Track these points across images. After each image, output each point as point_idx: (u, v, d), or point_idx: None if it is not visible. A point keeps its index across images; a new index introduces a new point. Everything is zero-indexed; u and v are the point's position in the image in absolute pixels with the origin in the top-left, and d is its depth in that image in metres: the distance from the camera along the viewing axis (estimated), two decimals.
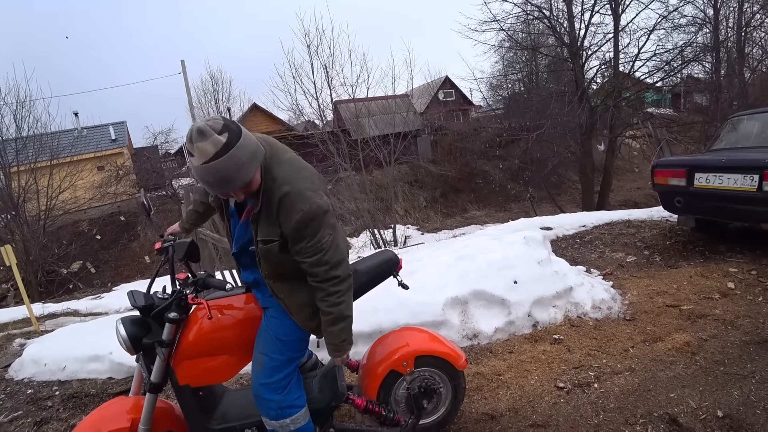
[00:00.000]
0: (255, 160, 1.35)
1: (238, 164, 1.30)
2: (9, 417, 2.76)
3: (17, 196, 13.55)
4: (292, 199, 1.40)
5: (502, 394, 2.36)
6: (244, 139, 1.32)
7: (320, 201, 1.43)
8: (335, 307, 1.52)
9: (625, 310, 3.18)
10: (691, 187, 3.91)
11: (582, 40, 12.68)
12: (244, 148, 1.31)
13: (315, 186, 1.48)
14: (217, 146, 1.26)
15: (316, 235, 1.43)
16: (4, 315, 5.78)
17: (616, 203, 15.65)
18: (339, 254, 1.50)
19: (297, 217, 1.40)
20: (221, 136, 1.28)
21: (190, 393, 1.73)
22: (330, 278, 1.49)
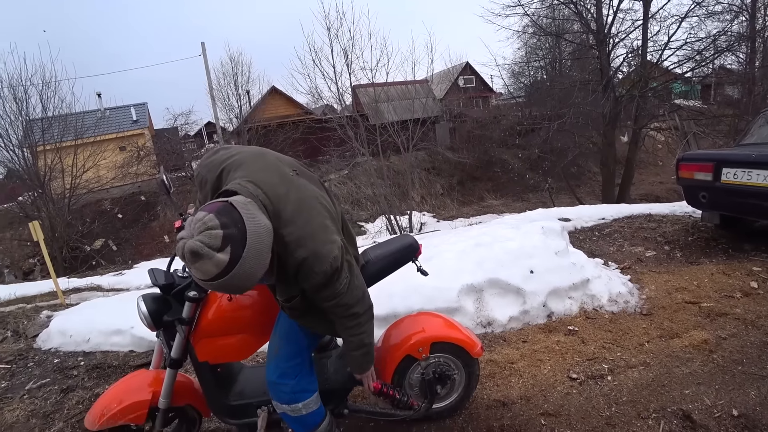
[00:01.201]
0: (266, 258, 1.18)
1: (249, 273, 1.13)
2: (38, 384, 2.89)
3: (43, 174, 13.94)
4: (310, 264, 1.29)
5: (514, 382, 2.38)
6: (252, 241, 1.12)
7: (336, 251, 1.33)
8: (355, 336, 1.55)
9: (642, 305, 3.14)
10: (717, 183, 3.79)
11: (609, 27, 12.23)
12: (253, 255, 1.12)
13: (327, 228, 1.36)
14: (221, 266, 1.08)
15: (334, 284, 1.37)
16: (32, 288, 6.02)
17: (637, 197, 15.32)
18: (357, 293, 1.46)
19: (318, 279, 1.32)
20: (222, 253, 1.08)
21: (209, 369, 1.78)
22: (349, 315, 1.49)
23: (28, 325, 3.93)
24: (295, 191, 1.37)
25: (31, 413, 2.57)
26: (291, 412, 1.67)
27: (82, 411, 2.52)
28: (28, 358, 3.31)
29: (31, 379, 2.97)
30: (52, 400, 2.68)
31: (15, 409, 2.62)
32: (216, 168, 1.46)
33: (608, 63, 12.46)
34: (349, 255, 1.45)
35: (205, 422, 2.17)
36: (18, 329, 3.88)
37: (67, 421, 2.44)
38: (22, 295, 5.46)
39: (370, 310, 1.55)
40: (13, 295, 5.45)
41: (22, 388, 2.86)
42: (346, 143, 11.43)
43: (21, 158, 14.08)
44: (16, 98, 13.88)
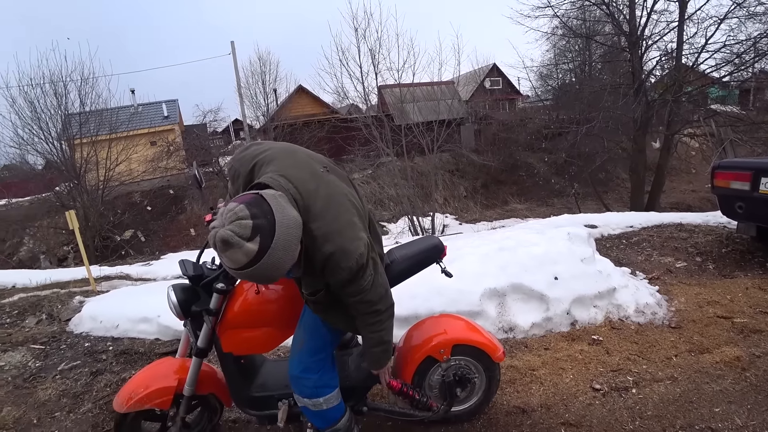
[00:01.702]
0: (295, 249, 1.20)
1: (277, 264, 1.16)
2: (69, 365, 3.02)
3: (79, 166, 14.55)
4: (337, 259, 1.32)
5: (535, 389, 2.34)
6: (280, 232, 1.14)
7: (363, 248, 1.35)
8: (375, 333, 1.56)
9: (671, 317, 3.05)
10: (755, 192, 3.63)
11: (642, 29, 11.84)
12: (282, 246, 1.15)
13: (355, 225, 1.38)
14: (250, 255, 1.12)
15: (359, 281, 1.39)
16: (66, 274, 6.28)
17: (668, 205, 14.82)
18: (380, 290, 1.48)
19: (343, 274, 1.35)
20: (252, 243, 1.11)
21: (233, 360, 1.82)
22: (371, 312, 1.50)
23: (61, 309, 4.10)
24: (324, 187, 1.40)
25: (62, 393, 2.68)
26: (312, 407, 1.69)
27: (109, 394, 2.62)
28: (61, 341, 3.45)
29: (63, 361, 3.10)
30: (82, 382, 2.79)
31: (48, 388, 2.74)
32: (249, 162, 1.51)
33: (641, 66, 12.08)
34: (374, 253, 1.46)
35: (226, 412, 2.22)
36: (52, 312, 4.05)
37: (96, 403, 2.54)
38: (56, 281, 5.70)
39: (391, 309, 1.56)
40: (49, 280, 5.69)
41: (54, 369, 2.99)
42: (371, 143, 11.48)
43: (59, 150, 14.75)
44: (56, 93, 14.56)
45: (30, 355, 3.22)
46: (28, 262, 13.80)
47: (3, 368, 3.03)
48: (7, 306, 4.39)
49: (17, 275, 6.02)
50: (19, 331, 3.71)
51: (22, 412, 2.50)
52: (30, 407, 2.55)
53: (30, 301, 4.45)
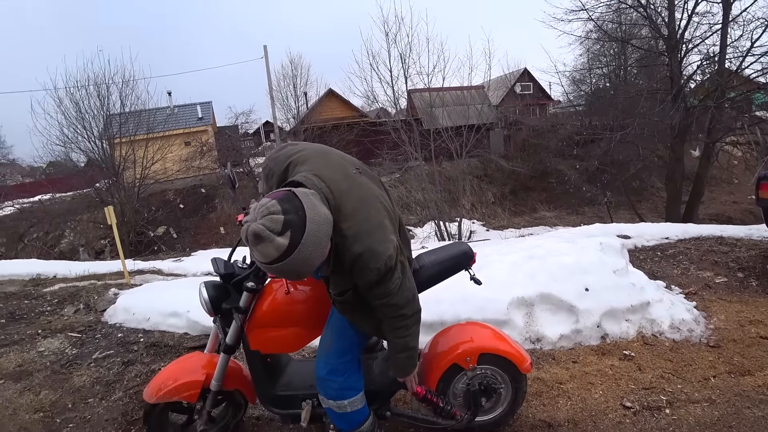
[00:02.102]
0: (324, 247, 1.23)
1: (306, 260, 1.18)
2: (103, 354, 3.14)
3: (118, 164, 15.21)
4: (366, 260, 1.33)
5: (562, 403, 2.27)
6: (311, 228, 1.16)
7: (392, 251, 1.35)
8: (401, 339, 1.56)
9: (709, 335, 2.90)
10: None
11: (682, 32, 11.36)
12: (312, 242, 1.17)
13: (385, 227, 1.39)
14: (280, 250, 1.14)
15: (386, 283, 1.39)
16: (102, 266, 6.56)
17: (707, 217, 14.18)
18: (407, 294, 1.47)
19: (371, 276, 1.35)
20: (282, 237, 1.13)
21: (260, 358, 1.85)
22: (397, 316, 1.49)
23: (98, 300, 4.27)
24: (357, 189, 1.42)
25: (96, 380, 2.79)
26: (336, 408, 1.69)
27: (139, 383, 2.71)
28: (96, 330, 3.60)
29: (97, 350, 3.23)
30: (114, 371, 2.90)
31: (82, 375, 2.86)
32: (283, 162, 1.54)
33: (680, 71, 11.60)
34: (402, 256, 1.46)
35: (250, 409, 2.25)
36: (89, 303, 4.24)
37: (126, 392, 2.63)
38: (94, 272, 5.97)
39: (417, 314, 1.55)
40: (87, 272, 5.96)
41: (89, 357, 3.12)
42: (399, 147, 11.48)
43: (100, 149, 15.49)
44: (99, 95, 15.32)
45: (67, 342, 3.38)
46: (68, 254, 14.50)
47: (43, 353, 3.19)
48: (48, 295, 4.62)
49: (58, 266, 6.33)
50: (59, 319, 3.90)
51: (58, 396, 2.62)
52: (66, 392, 2.66)
53: (69, 291, 4.67)
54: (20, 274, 5.64)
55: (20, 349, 3.28)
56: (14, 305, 4.33)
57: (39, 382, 2.80)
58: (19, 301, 4.45)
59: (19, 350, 3.25)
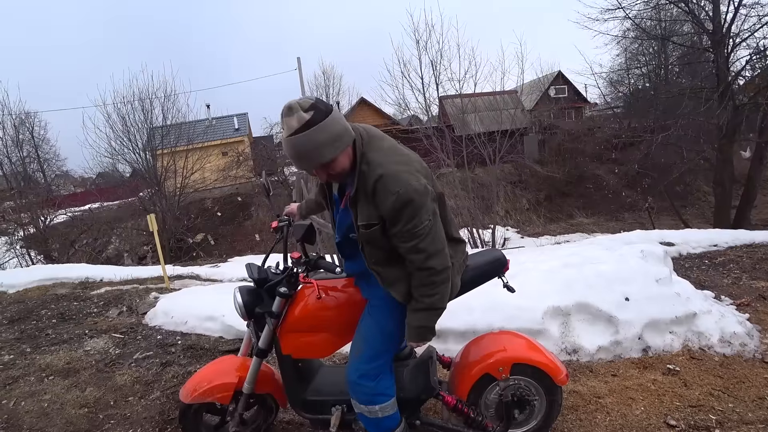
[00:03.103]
0: (336, 144, 1.36)
1: (315, 143, 1.33)
2: (143, 355, 3.28)
3: (160, 174, 15.97)
4: (387, 182, 1.38)
5: (600, 419, 2.16)
6: (329, 121, 1.34)
7: (416, 184, 1.39)
8: (428, 297, 1.51)
9: (765, 351, 2.69)
10: None
11: (729, 26, 10.74)
12: (325, 129, 1.33)
13: (412, 168, 1.44)
14: (300, 122, 1.32)
15: (413, 220, 1.39)
16: (144, 271, 6.85)
17: (760, 222, 13.26)
18: (437, 244, 1.46)
19: (392, 199, 1.37)
20: (306, 113, 1.32)
21: (291, 363, 1.87)
22: (425, 268, 1.46)
23: (139, 303, 4.47)
24: (394, 146, 1.53)
25: (136, 379, 2.91)
26: (368, 413, 1.69)
27: (176, 384, 2.80)
28: (137, 332, 3.76)
29: (138, 350, 3.37)
30: (153, 371, 3.02)
31: (124, 374, 2.99)
32: None
33: (726, 67, 10.96)
34: (434, 204, 1.46)
35: (281, 413, 2.28)
36: (132, 306, 4.44)
37: (164, 391, 2.73)
38: (136, 277, 6.25)
39: (446, 271, 1.50)
40: (130, 276, 6.25)
41: (131, 357, 3.26)
42: (432, 154, 11.44)
43: (144, 160, 16.32)
44: (143, 109, 16.19)
45: (111, 342, 3.55)
46: (114, 259, 15.31)
47: (89, 352, 3.36)
48: (95, 297, 4.88)
49: (105, 270, 6.66)
50: (104, 321, 4.10)
51: (101, 393, 2.75)
52: (108, 390, 2.79)
53: (114, 294, 4.91)
54: (71, 278, 5.99)
55: (69, 347, 3.47)
56: (65, 306, 4.60)
57: (85, 379, 2.95)
58: (69, 303, 4.72)
59: (68, 349, 3.44)
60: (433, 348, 2.10)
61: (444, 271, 1.49)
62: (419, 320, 1.56)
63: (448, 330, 2.83)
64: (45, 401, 2.68)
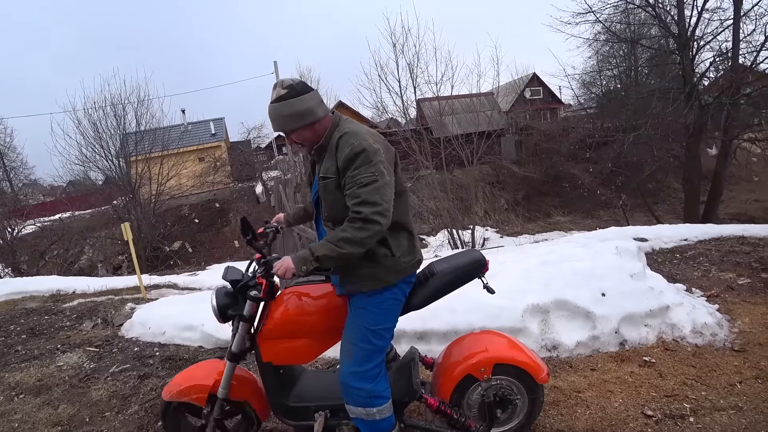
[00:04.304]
0: (297, 119, 1.61)
1: (282, 114, 1.61)
2: (120, 368, 3.18)
3: (134, 181, 15.56)
4: (348, 137, 1.58)
5: (580, 412, 2.21)
6: (297, 100, 1.60)
7: (371, 142, 1.57)
8: (343, 232, 1.51)
9: (734, 339, 2.80)
10: None
11: (693, 29, 11.21)
12: (292, 106, 1.59)
13: (375, 137, 1.63)
14: (278, 95, 1.61)
15: (359, 168, 1.52)
16: (119, 282, 6.66)
17: (727, 216, 13.81)
18: (375, 196, 1.51)
19: (347, 150, 1.54)
20: (283, 90, 1.60)
21: (272, 370, 1.85)
22: (354, 211, 1.51)
23: (115, 314, 4.34)
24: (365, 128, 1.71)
25: (113, 394, 2.83)
26: (365, 416, 1.68)
27: (154, 397, 2.73)
28: (113, 344, 3.65)
29: (114, 364, 3.27)
30: (130, 384, 2.93)
31: (100, 389, 2.89)
32: None
33: (692, 68, 11.42)
34: (384, 167, 1.57)
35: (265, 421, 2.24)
36: (107, 317, 4.30)
37: (142, 405, 2.66)
38: (111, 288, 6.06)
39: (373, 224, 1.49)
40: (105, 287, 6.06)
41: (106, 371, 3.16)
42: (410, 156, 11.50)
43: (117, 167, 15.87)
44: (116, 115, 15.75)
45: (85, 356, 3.43)
46: (87, 270, 14.79)
47: (61, 368, 3.24)
48: (68, 310, 4.71)
49: (77, 282, 6.44)
50: (77, 334, 3.96)
51: (76, 410, 2.66)
52: (83, 406, 2.70)
53: (87, 306, 4.75)
54: (41, 291, 5.77)
55: (40, 363, 3.34)
56: (35, 321, 4.42)
57: (58, 396, 2.84)
58: (40, 317, 4.55)
59: (39, 365, 3.31)
60: (415, 349, 2.11)
61: (371, 221, 1.49)
62: (321, 247, 1.54)
63: (431, 331, 2.85)
64: (15, 421, 2.58)
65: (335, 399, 1.76)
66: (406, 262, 1.70)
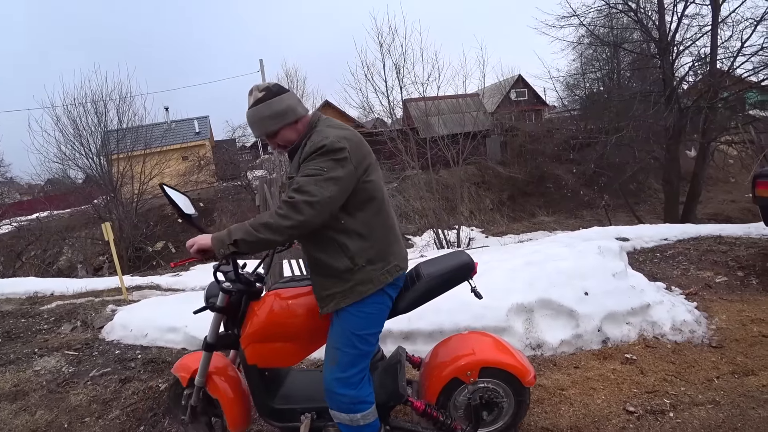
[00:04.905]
0: (277, 119, 1.60)
1: (259, 117, 1.61)
2: (100, 372, 3.11)
3: (116, 180, 15.22)
4: (315, 136, 1.56)
5: (564, 410, 2.24)
6: (276, 100, 1.60)
7: (333, 138, 1.51)
8: (269, 216, 1.45)
9: (711, 336, 2.88)
10: None
11: (673, 35, 11.50)
12: (270, 106, 1.59)
13: (343, 132, 1.59)
14: (255, 99, 1.61)
15: (311, 162, 1.49)
16: (100, 283, 6.52)
17: (705, 216, 14.17)
18: (313, 187, 1.43)
19: (309, 147, 1.53)
20: (260, 93, 1.61)
21: (257, 373, 1.82)
22: (288, 195, 1.45)
23: (95, 317, 4.24)
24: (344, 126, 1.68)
25: (93, 399, 2.76)
26: (349, 422, 1.66)
27: (137, 401, 2.67)
28: (93, 348, 3.57)
29: (94, 367, 3.20)
30: (111, 389, 2.87)
31: (79, 393, 2.82)
32: None
33: (672, 72, 11.71)
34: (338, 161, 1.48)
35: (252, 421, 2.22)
36: (87, 320, 4.20)
37: (123, 410, 2.60)
38: (91, 289, 5.93)
39: (299, 211, 1.42)
40: (85, 289, 5.93)
41: (86, 375, 3.08)
42: (396, 156, 11.51)
43: (98, 165, 15.50)
44: (97, 112, 15.38)
45: (64, 360, 3.34)
46: (66, 271, 14.42)
47: (39, 373, 3.15)
48: (45, 313, 4.58)
49: (56, 283, 6.29)
50: (55, 337, 3.86)
51: (54, 416, 2.59)
52: (62, 411, 2.63)
53: (66, 308, 4.63)
54: (17, 293, 5.61)
55: (16, 368, 3.25)
56: (11, 324, 4.30)
57: (35, 401, 2.76)
58: (16, 320, 4.42)
59: (15, 370, 3.22)
60: (402, 349, 2.11)
61: (297, 210, 1.42)
62: (238, 230, 1.47)
63: (417, 331, 2.86)
64: None
65: (322, 401, 1.74)
66: (377, 269, 1.62)
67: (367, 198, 1.60)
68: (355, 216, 1.58)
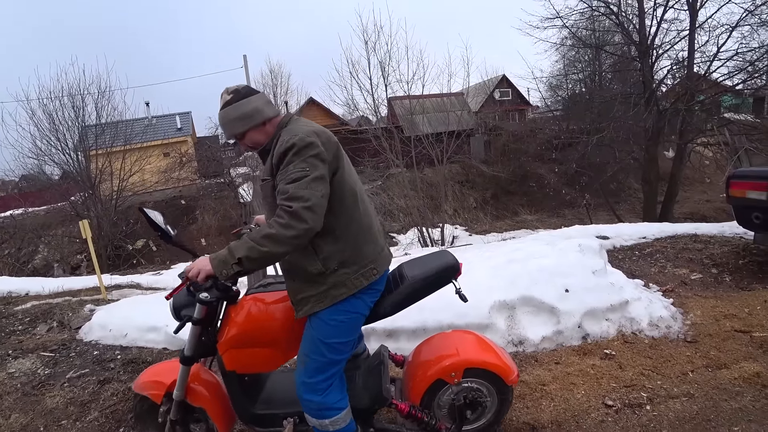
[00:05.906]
0: (244, 120, 1.61)
1: (230, 118, 1.63)
2: (77, 373, 3.03)
3: (94, 176, 14.82)
4: (284, 135, 1.55)
5: (545, 405, 2.28)
6: (243, 102, 1.61)
7: (303, 135, 1.49)
8: (269, 228, 1.40)
9: (686, 331, 2.96)
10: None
11: (653, 38, 11.81)
12: (238, 108, 1.61)
13: (312, 128, 1.58)
14: (224, 101, 1.63)
15: (289, 164, 1.46)
16: (78, 282, 6.35)
17: (681, 215, 14.57)
18: (305, 191, 1.40)
19: (281, 146, 1.50)
20: (229, 95, 1.63)
21: (236, 379, 1.79)
22: (283, 205, 1.40)
23: (72, 317, 4.13)
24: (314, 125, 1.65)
25: (70, 401, 2.69)
26: (319, 427, 1.66)
27: (116, 402, 2.62)
28: (70, 349, 3.47)
29: (71, 369, 3.12)
30: (89, 390, 2.80)
31: (55, 396, 2.75)
32: None
33: (651, 75, 12.02)
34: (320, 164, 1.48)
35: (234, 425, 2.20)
36: (63, 320, 4.09)
37: (102, 411, 2.54)
38: (68, 289, 5.77)
39: (301, 219, 1.38)
40: (61, 288, 5.76)
41: (63, 377, 3.00)
42: (381, 154, 11.51)
43: (75, 161, 15.06)
44: (74, 106, 14.93)
45: (40, 362, 3.25)
46: (42, 270, 14.01)
47: (13, 375, 3.06)
48: (20, 313, 4.44)
49: (31, 283, 6.10)
50: (30, 339, 3.75)
51: (29, 419, 2.51)
52: (37, 414, 2.56)
53: (42, 308, 4.50)
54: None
55: None
56: None
57: (9, 405, 2.68)
58: None
59: None
60: (385, 348, 2.10)
61: (298, 218, 1.38)
62: (241, 247, 1.40)
63: (400, 329, 2.87)
64: None
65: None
66: (350, 273, 1.57)
67: (341, 195, 1.56)
68: (327, 216, 1.49)
